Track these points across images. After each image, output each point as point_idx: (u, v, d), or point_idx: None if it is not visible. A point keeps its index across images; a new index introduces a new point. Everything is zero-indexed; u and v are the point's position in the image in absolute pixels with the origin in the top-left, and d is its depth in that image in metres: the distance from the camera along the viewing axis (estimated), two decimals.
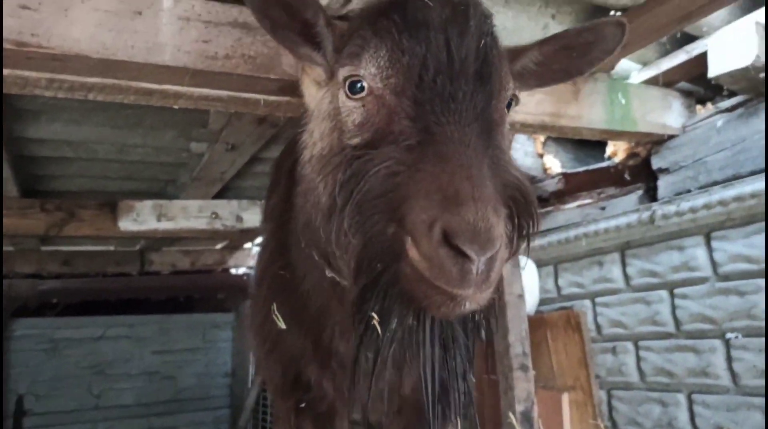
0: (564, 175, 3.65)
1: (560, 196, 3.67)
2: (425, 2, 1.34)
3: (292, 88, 2.13)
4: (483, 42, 1.33)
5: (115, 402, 7.19)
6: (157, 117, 3.27)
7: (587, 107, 2.84)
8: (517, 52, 1.64)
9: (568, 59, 1.66)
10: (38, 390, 6.84)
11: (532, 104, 2.70)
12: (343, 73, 1.40)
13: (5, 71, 1.80)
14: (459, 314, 1.22)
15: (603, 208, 3.32)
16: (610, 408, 3.18)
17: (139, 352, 7.45)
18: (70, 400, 6.96)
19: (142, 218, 4.39)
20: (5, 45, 1.65)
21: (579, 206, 3.51)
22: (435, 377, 1.41)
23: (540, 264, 3.66)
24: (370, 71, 1.32)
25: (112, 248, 6.65)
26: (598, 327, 3.28)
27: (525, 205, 1.35)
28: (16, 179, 3.79)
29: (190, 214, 4.55)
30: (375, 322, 1.31)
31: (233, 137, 3.27)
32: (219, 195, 4.55)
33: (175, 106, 2.13)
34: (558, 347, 3.39)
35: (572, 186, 3.60)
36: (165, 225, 4.45)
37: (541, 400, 3.37)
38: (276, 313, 2.03)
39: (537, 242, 3.62)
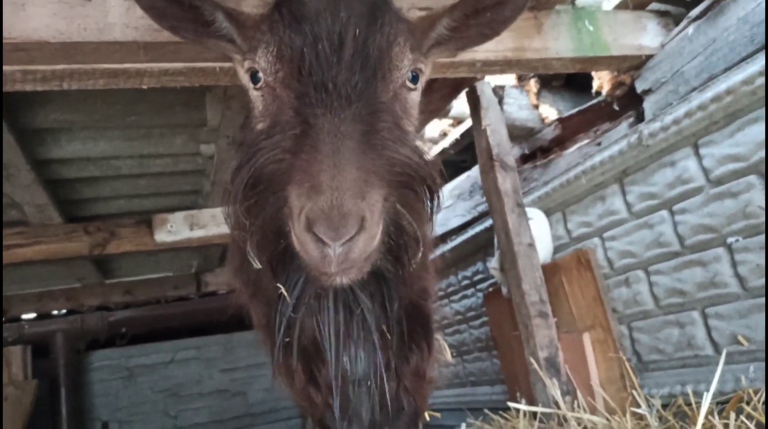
0: (559, 120, 3.64)
1: (560, 142, 3.65)
2: None
3: None
4: (360, 28, 1.37)
5: (192, 421, 7.52)
6: (162, 121, 3.54)
7: (552, 39, 2.86)
8: (429, 22, 1.69)
9: (481, 21, 1.69)
10: (120, 416, 7.27)
11: (492, 43, 2.74)
12: (246, 64, 1.49)
13: None
14: (334, 287, 1.45)
15: (599, 144, 3.29)
16: (633, 341, 3.10)
17: (208, 372, 7.78)
18: (150, 423, 7.34)
19: (175, 229, 4.69)
20: None
21: (579, 148, 3.48)
22: (339, 336, 1.67)
23: (549, 212, 3.63)
24: (262, 65, 1.42)
25: (169, 274, 7.06)
26: (610, 261, 3.21)
27: (416, 180, 1.42)
28: (56, 206, 4.16)
29: (219, 221, 4.80)
30: (282, 291, 1.55)
31: (230, 130, 3.48)
32: None
33: (144, 86, 2.34)
34: (573, 289, 3.34)
35: (570, 130, 3.58)
36: (197, 233, 4.72)
37: (565, 344, 3.33)
38: (250, 253, 2.15)
39: (542, 190, 3.61)
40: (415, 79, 1.53)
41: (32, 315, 6.91)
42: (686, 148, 2.74)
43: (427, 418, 2.50)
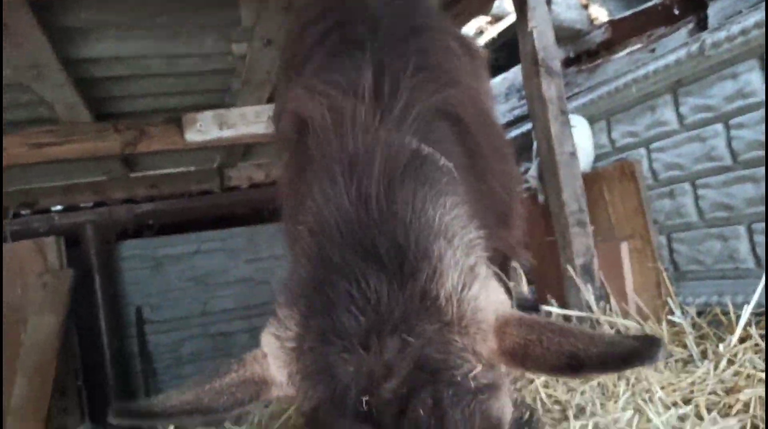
0: (610, 22, 3.47)
1: (609, 46, 3.50)
2: None
3: None
4: None
5: (219, 307, 7.89)
6: (192, 21, 3.39)
7: None
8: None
9: None
10: (152, 302, 7.62)
11: None
12: None
13: None
14: None
15: (653, 51, 3.15)
16: (671, 251, 3.17)
17: (233, 262, 8.03)
18: (181, 309, 7.71)
19: (205, 128, 4.63)
20: None
21: (629, 54, 3.34)
22: None
23: (592, 120, 3.56)
24: None
25: (192, 168, 7.09)
26: (654, 173, 3.20)
27: None
28: (85, 104, 4.09)
29: (249, 121, 4.74)
30: None
31: (266, 31, 3.33)
32: (272, 100, 4.69)
33: None
34: (614, 199, 3.36)
35: (620, 33, 3.42)
36: (226, 133, 4.68)
37: (601, 252, 3.40)
38: None
39: (587, 97, 3.51)
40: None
41: (59, 207, 7.03)
42: (751, 61, 2.63)
43: None
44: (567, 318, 3.37)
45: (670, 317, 2.87)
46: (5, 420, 5.53)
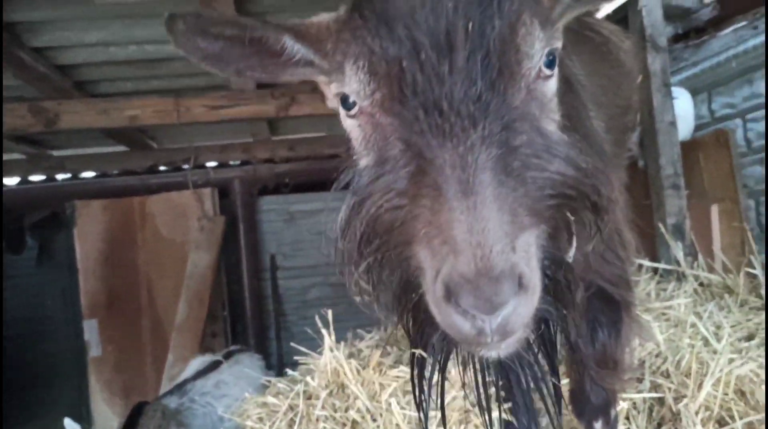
0: (719, 1, 3.74)
1: (716, 24, 3.77)
2: None
3: None
4: (472, 16, 1.01)
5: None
6: None
7: None
8: None
9: None
10: (284, 250, 8.70)
11: None
12: (333, 88, 1.19)
13: None
14: (490, 356, 1.12)
15: (755, 28, 3.42)
16: (758, 214, 3.46)
17: None
18: (308, 258, 8.73)
19: None
20: None
21: (734, 31, 3.61)
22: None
23: (695, 92, 3.87)
24: (352, 87, 1.10)
25: (325, 133, 7.99)
26: (749, 142, 3.49)
27: (574, 199, 1.09)
28: None
29: None
30: (419, 354, 1.32)
31: None
32: None
33: None
34: (709, 165, 3.68)
35: (728, 11, 3.69)
36: None
37: (694, 213, 3.75)
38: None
39: (691, 71, 3.83)
40: (551, 64, 1.10)
41: (215, 163, 8.21)
42: None
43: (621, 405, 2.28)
44: (656, 270, 3.78)
45: (748, 269, 3.22)
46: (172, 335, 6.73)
